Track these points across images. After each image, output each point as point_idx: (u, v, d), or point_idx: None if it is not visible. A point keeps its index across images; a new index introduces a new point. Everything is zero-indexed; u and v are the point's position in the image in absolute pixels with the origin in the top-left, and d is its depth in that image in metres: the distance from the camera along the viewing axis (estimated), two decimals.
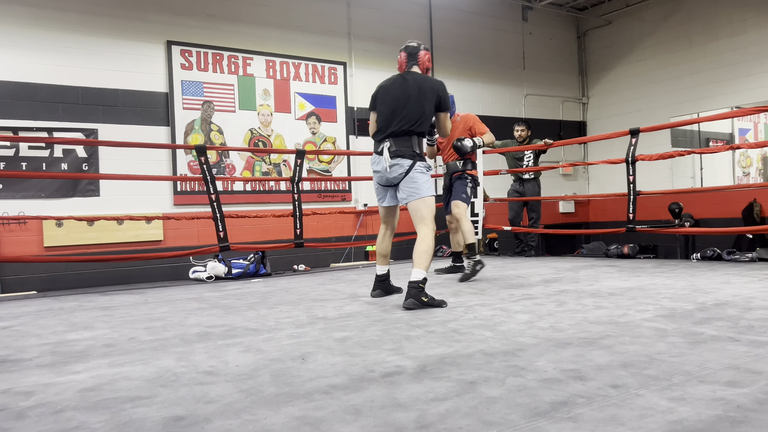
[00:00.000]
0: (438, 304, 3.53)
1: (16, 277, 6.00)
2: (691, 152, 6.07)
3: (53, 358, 2.60)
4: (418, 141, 3.78)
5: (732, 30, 8.92)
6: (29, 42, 6.27)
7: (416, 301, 3.48)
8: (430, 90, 3.78)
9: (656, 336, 2.52)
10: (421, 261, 3.59)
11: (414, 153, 3.73)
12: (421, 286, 3.53)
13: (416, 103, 3.74)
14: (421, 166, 3.74)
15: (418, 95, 3.75)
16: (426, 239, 3.65)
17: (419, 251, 3.62)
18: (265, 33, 7.70)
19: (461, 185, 5.14)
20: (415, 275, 3.54)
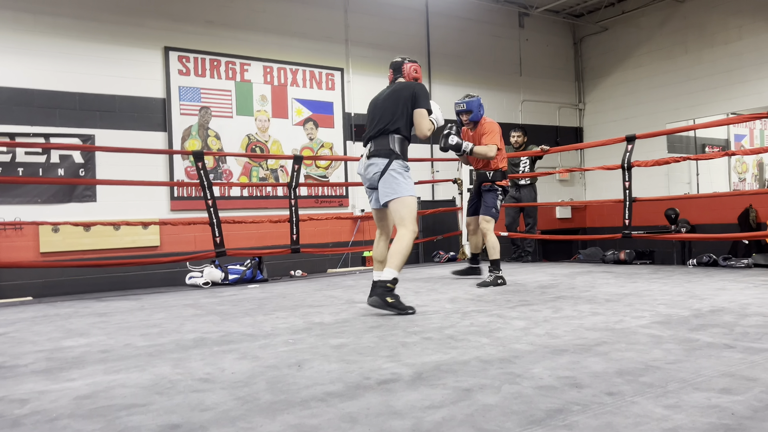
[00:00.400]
0: (403, 309, 3.44)
1: (12, 282, 5.98)
2: (687, 158, 6.10)
3: (49, 364, 2.60)
4: (397, 140, 3.69)
5: (727, 37, 8.97)
6: (27, 48, 6.27)
7: (380, 300, 3.43)
8: (405, 88, 3.78)
9: (652, 343, 2.53)
10: (393, 260, 3.52)
11: (390, 151, 3.66)
12: (389, 285, 3.46)
13: (390, 104, 3.75)
14: (397, 166, 3.65)
15: (393, 96, 3.78)
16: (403, 239, 3.57)
17: (393, 250, 3.56)
18: (263, 39, 7.72)
19: (491, 198, 5.03)
20: (385, 274, 3.50)
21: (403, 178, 3.64)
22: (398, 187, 3.61)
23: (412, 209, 3.63)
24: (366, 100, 4.21)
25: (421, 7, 9.14)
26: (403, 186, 3.62)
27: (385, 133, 3.70)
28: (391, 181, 3.62)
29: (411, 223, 3.60)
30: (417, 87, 3.79)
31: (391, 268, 3.50)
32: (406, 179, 3.65)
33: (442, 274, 5.98)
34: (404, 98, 3.74)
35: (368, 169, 3.72)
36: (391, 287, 3.46)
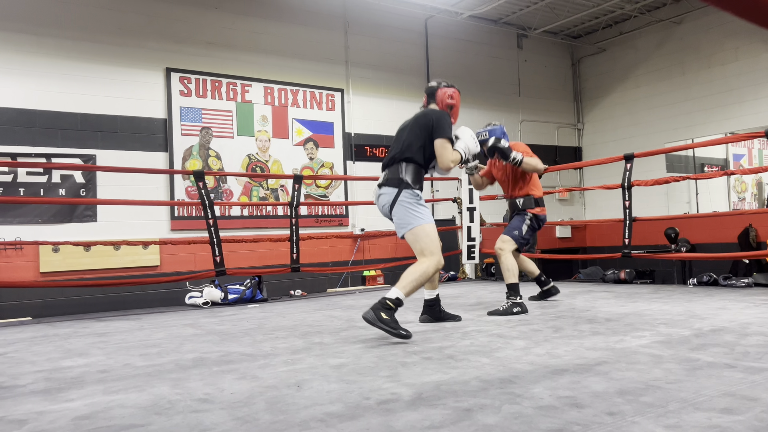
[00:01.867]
0: (395, 329, 3.21)
1: (12, 303, 5.97)
2: (686, 178, 6.13)
3: (47, 385, 2.59)
4: (408, 168, 3.54)
5: (724, 58, 9.06)
6: (30, 69, 6.33)
7: (375, 315, 3.20)
8: (424, 116, 3.65)
9: (652, 362, 2.52)
10: (404, 281, 3.33)
11: (400, 180, 3.52)
12: (389, 304, 3.25)
13: (408, 132, 3.64)
14: (407, 195, 3.49)
15: (412, 124, 3.66)
16: (421, 264, 3.40)
17: (408, 271, 3.39)
18: (264, 60, 7.79)
19: (517, 221, 4.60)
20: (390, 292, 3.31)
21: (414, 208, 3.48)
22: (410, 218, 3.47)
23: (431, 238, 3.45)
24: (366, 120, 4.26)
25: (420, 29, 9.25)
26: (414, 216, 3.46)
27: (397, 162, 3.57)
28: (402, 213, 3.49)
29: (432, 253, 3.42)
30: (436, 115, 3.61)
31: (399, 288, 3.31)
32: (417, 208, 3.49)
33: (442, 294, 5.95)
34: (422, 126, 3.59)
35: (379, 199, 3.61)
36: (390, 306, 3.27)
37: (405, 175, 3.54)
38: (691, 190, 9.62)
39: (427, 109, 3.73)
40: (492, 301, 5.13)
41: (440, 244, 3.65)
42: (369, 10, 8.60)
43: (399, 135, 3.71)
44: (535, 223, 4.60)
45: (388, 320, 3.22)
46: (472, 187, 7.18)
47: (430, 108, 3.75)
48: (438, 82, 3.84)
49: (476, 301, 5.25)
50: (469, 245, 7.20)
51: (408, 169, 3.55)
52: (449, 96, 3.77)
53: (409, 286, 3.33)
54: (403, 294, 3.31)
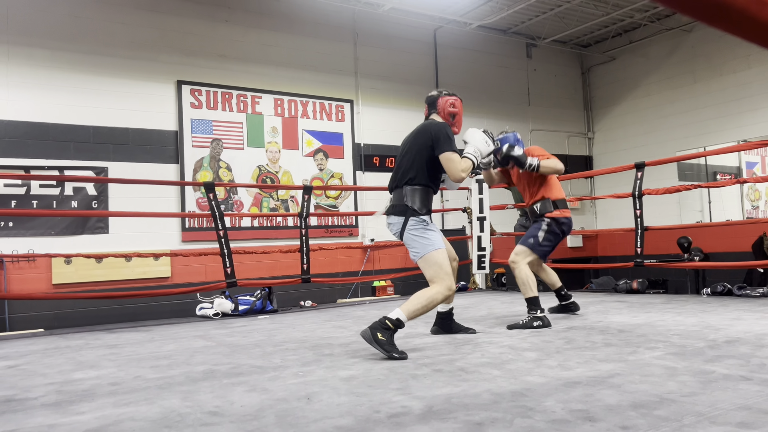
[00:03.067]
0: (390, 351, 3.10)
1: (24, 314, 6.01)
2: (698, 186, 6.08)
3: (59, 397, 2.59)
4: (411, 192, 3.45)
5: (736, 66, 9.01)
6: (44, 83, 6.41)
7: (371, 334, 3.14)
8: (423, 132, 3.52)
9: (666, 374, 2.49)
10: (409, 304, 3.25)
11: (405, 208, 3.43)
12: (389, 324, 3.16)
13: (408, 150, 3.54)
14: (414, 223, 3.41)
15: (413, 141, 3.55)
16: (429, 290, 3.32)
17: (417, 295, 3.31)
18: (274, 72, 7.84)
19: (534, 228, 4.33)
20: (393, 312, 3.21)
21: (421, 235, 3.39)
22: (418, 246, 3.39)
23: (441, 264, 3.36)
24: (375, 131, 4.25)
25: (429, 39, 9.28)
26: (423, 244, 3.38)
27: (401, 186, 3.49)
28: (411, 242, 3.42)
29: (442, 280, 3.33)
30: (435, 130, 3.47)
31: (403, 309, 3.22)
32: (426, 234, 3.40)
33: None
34: (421, 145, 3.48)
35: (390, 228, 3.54)
36: (389, 326, 3.16)
37: (409, 200, 3.44)
38: (703, 199, 9.54)
39: (425, 124, 3.61)
40: (503, 312, 5.09)
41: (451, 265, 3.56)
42: (378, 22, 8.64)
43: (400, 155, 3.62)
44: (555, 227, 4.28)
45: (384, 341, 3.13)
46: (482, 197, 7.15)
47: (427, 121, 3.63)
48: (439, 91, 3.73)
49: (487, 312, 5.22)
50: (479, 255, 7.17)
51: (412, 194, 3.45)
52: (450, 104, 3.65)
53: (414, 310, 3.24)
54: (405, 316, 3.21)
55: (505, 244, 8.59)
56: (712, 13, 0.51)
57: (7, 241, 6.06)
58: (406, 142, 3.63)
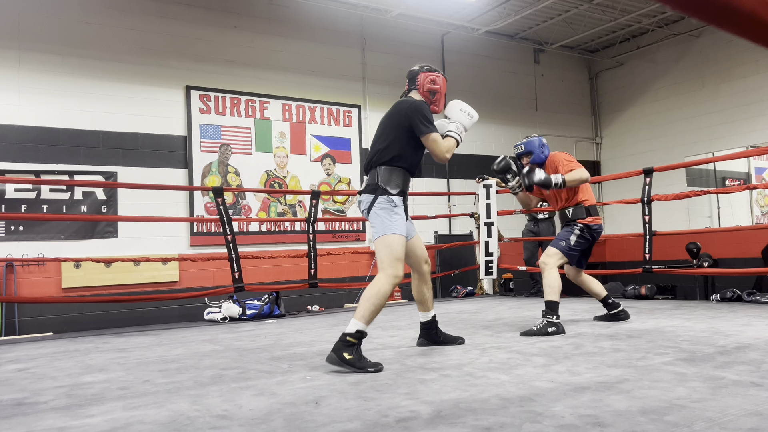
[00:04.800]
0: (361, 368, 2.91)
1: (34, 318, 6.05)
2: (707, 192, 6.04)
3: (68, 401, 2.61)
4: (384, 172, 3.26)
5: (744, 71, 8.97)
6: (54, 88, 6.47)
7: (336, 356, 2.95)
8: (396, 114, 3.32)
9: (676, 380, 2.47)
10: (360, 309, 3.04)
11: (375, 186, 3.24)
12: (349, 339, 2.96)
13: (382, 131, 3.36)
14: (382, 201, 3.20)
15: (387, 122, 3.36)
16: (375, 284, 3.09)
17: (363, 296, 3.09)
18: (282, 78, 7.88)
19: (565, 232, 4.26)
20: (349, 326, 3.01)
21: (386, 214, 3.18)
22: (378, 225, 3.19)
23: (393, 249, 3.13)
24: None
25: (437, 45, 9.30)
26: (384, 223, 3.17)
27: (373, 166, 3.31)
28: (374, 219, 3.22)
29: (389, 266, 3.10)
30: (410, 110, 3.26)
31: (357, 318, 3.02)
32: (389, 215, 3.19)
33: (459, 309, 5.93)
34: (396, 125, 3.29)
35: (359, 206, 3.38)
36: (351, 342, 2.96)
37: (382, 180, 3.25)
38: (712, 204, 9.49)
39: (399, 103, 3.39)
40: (511, 318, 5.08)
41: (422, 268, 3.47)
42: (386, 27, 8.67)
43: (376, 135, 3.43)
44: (587, 233, 4.23)
45: (352, 359, 2.94)
46: (489, 202, 7.15)
47: (401, 100, 3.42)
48: (421, 66, 3.51)
49: (495, 317, 5.21)
50: (486, 260, 7.16)
51: (384, 173, 3.26)
52: (431, 80, 3.42)
53: (366, 313, 3.03)
54: (362, 324, 3.02)
55: (512, 250, 8.57)
56: (720, 16, 0.51)
57: (17, 245, 6.10)
58: (382, 122, 3.43)
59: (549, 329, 3.93)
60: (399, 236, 3.17)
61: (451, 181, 9.27)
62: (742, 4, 0.49)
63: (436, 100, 3.46)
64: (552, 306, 4.02)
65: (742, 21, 0.50)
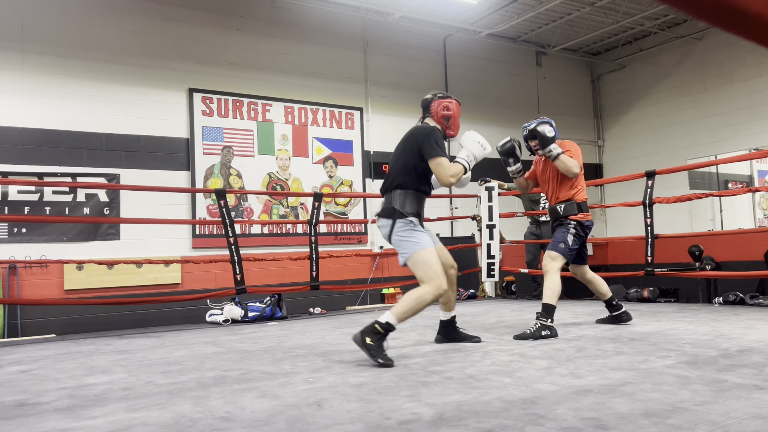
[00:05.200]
0: (376, 356, 3.11)
1: (36, 320, 6.06)
2: (709, 195, 6.04)
3: (71, 402, 2.61)
4: (399, 196, 3.44)
5: (746, 74, 8.97)
6: (57, 90, 6.49)
7: (361, 337, 3.17)
8: (410, 139, 3.50)
9: (679, 383, 2.47)
10: (399, 306, 3.24)
11: (392, 211, 3.42)
12: (378, 328, 3.16)
13: (398, 156, 3.54)
14: (401, 225, 3.38)
15: (402, 147, 3.55)
16: (419, 290, 3.26)
17: (406, 295, 3.28)
18: (285, 80, 7.90)
19: (561, 233, 4.22)
20: (383, 316, 3.22)
21: (408, 236, 3.36)
22: (406, 247, 3.36)
23: (429, 263, 3.30)
24: (385, 138, 4.27)
25: (439, 47, 9.31)
26: (410, 244, 3.35)
27: (389, 191, 3.50)
28: (399, 243, 3.39)
29: (432, 279, 3.27)
30: (422, 135, 3.44)
31: (393, 313, 3.20)
32: (412, 236, 3.36)
33: (461, 312, 5.92)
34: (410, 149, 3.48)
35: (380, 231, 3.54)
36: (378, 330, 3.16)
37: (397, 204, 3.43)
38: (715, 207, 9.48)
39: (413, 129, 3.57)
40: (512, 320, 5.08)
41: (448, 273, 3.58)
42: (388, 30, 8.68)
43: (393, 158, 3.60)
44: (580, 230, 4.21)
45: (372, 346, 3.13)
46: (491, 205, 7.15)
47: (416, 126, 3.58)
48: (434, 94, 3.65)
49: (497, 319, 5.20)
50: (488, 263, 7.15)
51: (400, 197, 3.44)
52: (444, 107, 3.57)
53: (402, 311, 3.21)
54: (395, 319, 3.19)
55: (514, 252, 8.57)
56: (728, 18, 0.51)
57: (20, 247, 6.11)
58: (398, 146, 3.61)
59: (543, 332, 3.89)
60: (429, 250, 3.34)
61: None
62: (749, 7, 0.49)
63: (450, 125, 3.60)
64: (548, 309, 3.99)
65: (750, 23, 0.51)
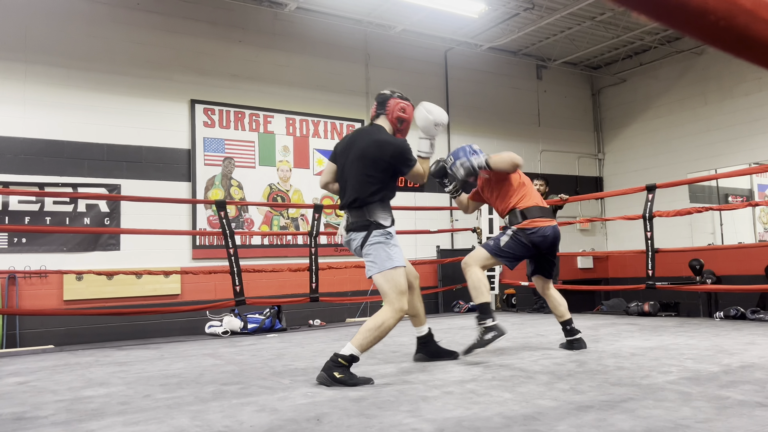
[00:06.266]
0: (353, 384, 2.96)
1: (35, 330, 6.04)
2: (709, 209, 6.04)
3: (68, 416, 2.59)
4: (374, 208, 3.25)
5: (747, 88, 9.00)
6: (59, 101, 6.51)
7: (327, 376, 2.99)
8: (375, 150, 3.27)
9: (681, 400, 2.45)
10: (360, 336, 3.07)
11: (367, 223, 3.23)
12: (341, 361, 3.00)
13: (361, 168, 3.28)
14: (378, 234, 3.20)
15: (365, 159, 3.27)
16: (381, 316, 3.10)
17: (364, 326, 3.11)
18: (286, 92, 7.92)
19: (499, 234, 3.96)
20: (345, 348, 3.06)
21: (384, 248, 3.18)
22: (379, 259, 3.18)
23: (397, 283, 3.14)
24: None
25: (440, 60, 9.35)
26: (384, 257, 3.17)
27: (361, 207, 3.26)
28: (372, 252, 3.20)
29: (396, 300, 3.11)
30: (395, 152, 3.26)
31: (353, 344, 3.05)
32: (388, 248, 3.19)
33: (462, 325, 5.91)
34: (374, 158, 3.25)
35: (349, 244, 3.36)
36: (342, 363, 3.01)
37: (372, 215, 3.24)
38: (715, 221, 9.48)
39: (375, 139, 3.31)
40: (514, 334, 5.06)
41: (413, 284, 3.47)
42: (390, 43, 8.73)
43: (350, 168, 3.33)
44: (522, 237, 3.78)
45: (343, 378, 2.98)
46: (492, 217, 7.15)
47: (376, 137, 3.33)
48: (392, 91, 3.47)
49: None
50: (488, 276, 7.14)
51: (374, 209, 3.25)
52: (401, 108, 3.41)
53: (365, 342, 3.07)
54: (358, 350, 3.06)
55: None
56: (738, 45, 0.51)
57: (19, 257, 6.10)
58: (354, 156, 3.32)
59: (487, 336, 3.54)
60: (401, 269, 3.19)
61: None
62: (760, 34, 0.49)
63: (402, 129, 3.46)
64: (484, 309, 3.64)
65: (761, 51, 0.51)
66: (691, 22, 0.51)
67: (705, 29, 0.51)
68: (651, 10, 0.51)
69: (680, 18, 0.51)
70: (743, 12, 0.50)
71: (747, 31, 0.49)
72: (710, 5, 0.49)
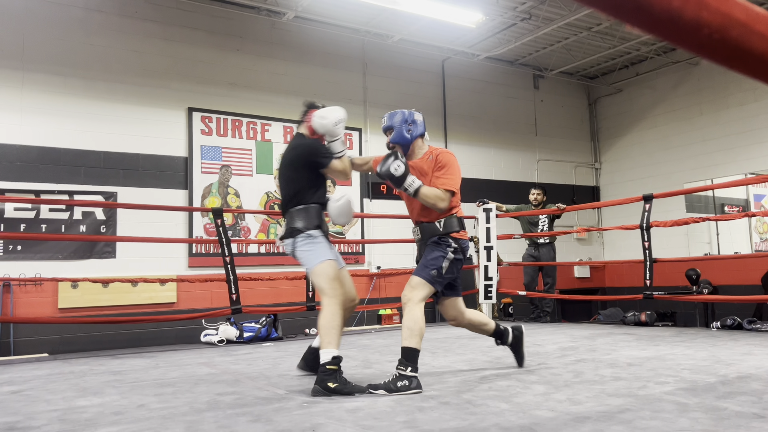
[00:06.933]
0: (348, 392, 3.00)
1: (29, 338, 6.00)
2: (706, 219, 6.05)
3: (61, 426, 2.57)
4: (297, 214, 3.43)
5: (743, 99, 9.04)
6: (56, 108, 6.50)
7: (321, 388, 3.00)
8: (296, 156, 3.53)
9: (678, 411, 2.45)
10: (324, 337, 3.15)
11: (292, 230, 3.42)
12: (329, 368, 3.05)
13: (284, 174, 3.55)
14: (300, 240, 3.38)
15: (288, 165, 3.55)
16: (325, 309, 3.22)
17: (320, 328, 3.20)
18: (284, 100, 7.93)
19: (438, 255, 3.27)
20: (322, 357, 3.09)
21: (309, 248, 3.37)
22: (307, 258, 3.37)
23: (327, 274, 3.28)
24: None
25: (438, 69, 9.38)
26: (310, 256, 3.35)
27: (285, 214, 3.52)
28: (301, 258, 3.41)
29: (329, 289, 3.25)
30: (306, 147, 3.53)
31: (326, 347, 3.12)
32: (313, 247, 3.36)
33: (458, 334, 5.89)
34: (294, 164, 3.50)
35: (286, 250, 3.52)
36: (331, 369, 3.05)
37: (295, 222, 3.43)
38: (711, 231, 9.49)
39: (295, 145, 3.60)
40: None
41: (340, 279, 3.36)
42: (387, 52, 8.75)
43: (281, 175, 3.61)
44: (459, 253, 3.32)
45: (338, 386, 3.01)
46: (489, 226, 7.14)
47: (295, 142, 3.64)
48: (312, 102, 3.73)
49: (494, 342, 5.16)
50: (486, 285, 7.12)
51: (296, 216, 3.44)
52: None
53: (332, 339, 3.13)
54: (334, 349, 3.11)
55: (512, 274, 8.55)
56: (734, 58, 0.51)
57: (14, 265, 6.08)
58: (282, 164, 3.64)
59: (398, 383, 2.99)
60: (327, 261, 3.34)
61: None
62: (754, 47, 0.49)
63: (320, 135, 3.63)
64: (409, 355, 3.08)
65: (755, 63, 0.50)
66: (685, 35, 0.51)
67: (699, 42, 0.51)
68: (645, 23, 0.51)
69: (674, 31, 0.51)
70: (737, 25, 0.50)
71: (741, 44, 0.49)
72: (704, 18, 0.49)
